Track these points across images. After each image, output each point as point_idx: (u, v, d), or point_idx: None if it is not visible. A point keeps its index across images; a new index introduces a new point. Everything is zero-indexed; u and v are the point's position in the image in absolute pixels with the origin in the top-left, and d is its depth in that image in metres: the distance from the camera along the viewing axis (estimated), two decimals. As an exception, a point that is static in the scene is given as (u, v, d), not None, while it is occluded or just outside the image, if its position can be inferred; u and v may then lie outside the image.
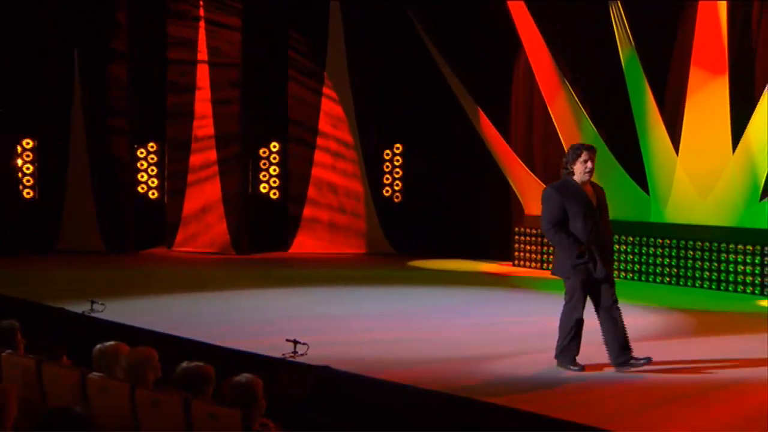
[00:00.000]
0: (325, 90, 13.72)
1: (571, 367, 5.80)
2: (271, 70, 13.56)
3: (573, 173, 5.80)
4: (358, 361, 6.05)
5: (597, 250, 5.72)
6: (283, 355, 6.09)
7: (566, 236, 5.71)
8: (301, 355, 6.10)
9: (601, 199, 5.87)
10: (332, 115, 13.78)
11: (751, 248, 9.79)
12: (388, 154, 14.14)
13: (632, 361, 5.81)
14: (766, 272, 9.68)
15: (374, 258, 13.27)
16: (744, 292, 9.81)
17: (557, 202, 5.75)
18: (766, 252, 9.68)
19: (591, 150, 5.87)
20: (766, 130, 9.57)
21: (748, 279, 9.81)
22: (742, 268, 9.87)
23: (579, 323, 5.83)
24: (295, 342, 6.17)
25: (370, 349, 6.60)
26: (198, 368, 3.96)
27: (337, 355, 6.14)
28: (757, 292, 9.71)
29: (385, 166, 14.11)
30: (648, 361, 5.78)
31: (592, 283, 5.78)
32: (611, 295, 5.85)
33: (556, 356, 5.91)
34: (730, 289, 9.95)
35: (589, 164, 5.77)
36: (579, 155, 5.79)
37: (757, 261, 9.74)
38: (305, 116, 13.72)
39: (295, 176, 13.78)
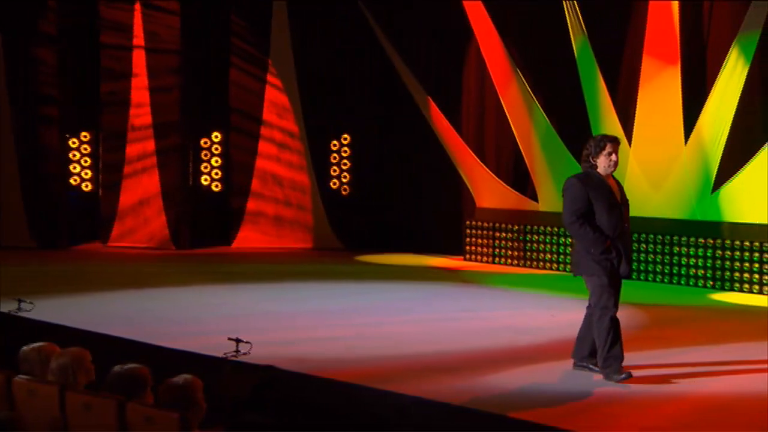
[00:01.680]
0: (270, 78, 13.60)
1: (620, 377, 5.50)
2: (212, 56, 13.39)
3: (596, 166, 5.61)
4: (304, 360, 6.02)
5: (623, 247, 5.56)
6: (225, 354, 6.03)
7: (592, 230, 5.48)
8: (244, 354, 6.05)
9: (622, 192, 5.73)
10: (277, 104, 13.68)
11: (703, 241, 10.02)
12: (335, 145, 14.09)
13: (591, 366, 5.72)
14: (718, 265, 9.92)
15: (321, 253, 13.23)
16: (696, 285, 10.05)
17: (582, 193, 5.54)
18: (718, 245, 9.92)
19: (615, 142, 5.68)
20: (718, 122, 9.81)
21: (701, 272, 10.05)
22: (695, 261, 10.11)
23: (615, 323, 5.57)
24: (237, 341, 6.11)
25: (316, 347, 6.58)
26: (133, 370, 3.88)
27: (282, 354, 6.10)
28: (709, 285, 9.95)
29: (332, 158, 14.06)
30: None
31: (615, 280, 5.59)
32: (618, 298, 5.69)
33: (601, 369, 5.60)
34: (682, 282, 10.18)
35: (613, 157, 5.62)
36: (603, 148, 5.61)
37: (709, 254, 9.98)
38: (248, 105, 13.59)
39: (238, 168, 13.64)
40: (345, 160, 14.13)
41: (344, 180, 14.14)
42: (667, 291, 9.90)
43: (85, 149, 13.47)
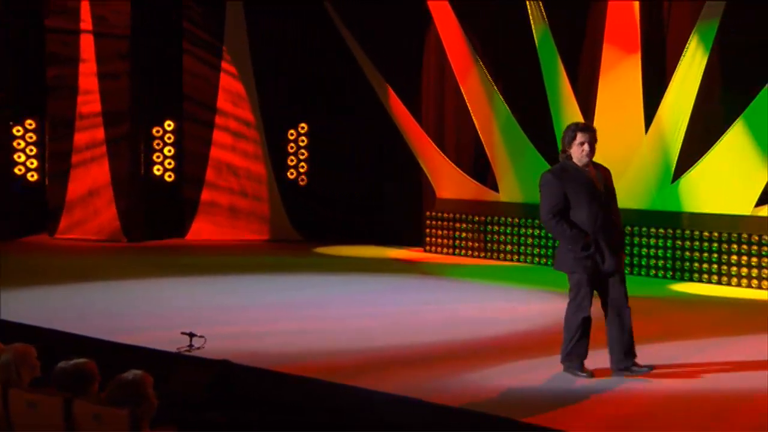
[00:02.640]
0: (224, 65, 13.44)
1: (579, 373, 5.49)
2: (164, 42, 13.18)
3: (570, 156, 5.55)
4: (260, 355, 5.96)
5: (604, 239, 5.41)
6: (178, 349, 5.95)
7: (568, 227, 5.40)
8: (198, 348, 5.98)
9: (607, 181, 5.59)
10: (232, 92, 13.52)
11: (663, 231, 10.16)
12: (292, 135, 13.99)
13: (634, 368, 5.57)
14: (678, 256, 10.07)
15: (278, 245, 13.14)
16: (656, 276, 10.18)
17: (557, 188, 5.45)
18: (678, 235, 10.07)
19: (586, 130, 5.56)
20: (677, 111, 9.93)
21: (660, 263, 10.18)
22: (654, 251, 10.24)
23: (586, 322, 5.50)
24: (191, 335, 6.04)
25: (272, 341, 6.52)
26: (79, 365, 3.80)
27: (237, 349, 6.04)
28: (669, 276, 10.10)
29: (289, 147, 13.97)
30: (650, 369, 5.57)
31: (599, 277, 5.46)
32: (622, 292, 5.57)
33: (562, 360, 5.59)
34: (642, 273, 10.31)
35: (585, 147, 5.50)
36: (574, 137, 5.52)
37: (669, 244, 10.12)
38: (202, 93, 13.42)
39: (191, 157, 13.47)
40: (302, 150, 14.04)
41: (301, 170, 14.05)
42: (627, 281, 10.00)
43: (31, 137, 13.18)
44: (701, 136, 9.89)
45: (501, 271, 10.87)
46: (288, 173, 13.97)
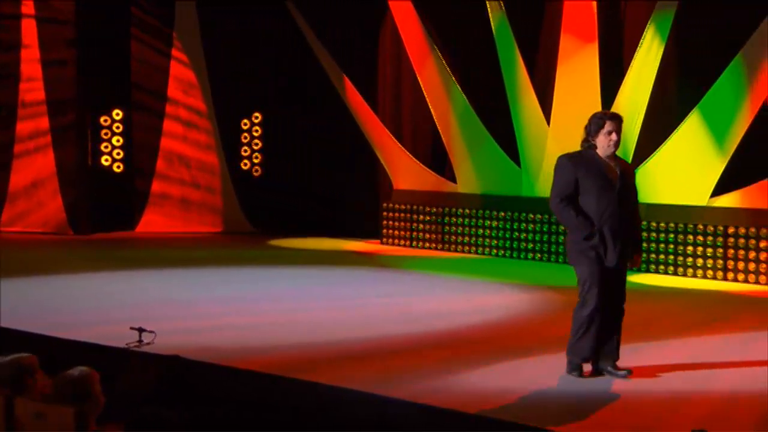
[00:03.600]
0: (174, 52, 13.29)
1: (572, 372, 5.36)
2: (111, 28, 12.98)
3: (595, 146, 5.33)
4: (212, 349, 5.93)
5: (611, 233, 5.21)
6: (127, 344, 5.89)
7: (575, 213, 5.23)
8: (147, 344, 5.93)
9: (625, 175, 5.37)
10: (183, 80, 13.39)
11: (620, 222, 10.30)
12: (246, 124, 13.90)
13: (610, 369, 5.42)
14: (634, 246, 10.22)
15: (231, 237, 13.06)
16: (613, 267, 10.33)
17: (569, 174, 5.30)
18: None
19: (615, 119, 5.35)
20: (634, 101, 10.08)
21: (618, 254, 10.33)
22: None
23: (593, 317, 5.28)
24: (140, 330, 5.98)
25: (225, 335, 6.49)
26: (20, 360, 3.73)
27: (188, 344, 6.00)
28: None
29: (242, 137, 13.88)
30: (628, 373, 5.38)
31: (605, 272, 5.26)
32: (619, 292, 5.40)
33: (567, 353, 5.44)
34: (599, 264, 10.44)
35: (614, 136, 5.29)
36: (602, 126, 5.31)
37: (626, 235, 10.27)
38: (152, 81, 13.26)
39: (141, 147, 13.32)
40: (256, 140, 13.96)
41: (255, 161, 13.97)
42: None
43: (-31, 127, 12.92)
44: (657, 127, 10.05)
45: (459, 263, 10.95)
46: (241, 164, 13.88)
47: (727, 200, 9.59)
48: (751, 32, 9.26)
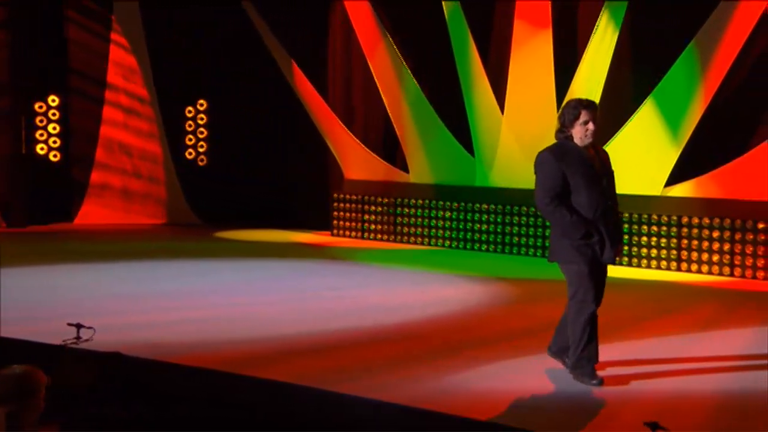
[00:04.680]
0: (114, 36, 13.07)
1: (590, 381, 5.10)
2: (46, 9, 12.70)
3: (571, 137, 5.17)
4: (155, 346, 5.86)
5: (605, 227, 5.07)
6: (64, 341, 5.79)
7: (569, 213, 5.03)
8: (86, 340, 5.84)
9: (606, 165, 5.24)
10: (123, 65, 13.18)
11: (574, 213, 10.43)
12: (190, 112, 13.75)
13: (566, 359, 5.30)
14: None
15: (176, 229, 12.94)
16: (568, 258, 10.46)
17: (554, 169, 5.07)
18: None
19: (591, 108, 5.17)
20: (589, 89, 10.19)
21: (572, 245, 10.47)
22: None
23: (593, 319, 5.12)
24: (78, 326, 5.89)
25: (168, 331, 6.42)
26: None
27: (130, 340, 5.92)
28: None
29: (187, 125, 13.73)
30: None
31: (597, 268, 5.11)
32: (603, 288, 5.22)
33: (572, 368, 5.19)
34: (554, 255, 10.57)
35: (590, 126, 5.13)
36: (577, 116, 5.14)
37: (580, 226, 10.41)
38: (90, 66, 13.04)
39: (79, 135, 13.10)
40: (201, 128, 13.82)
41: (201, 149, 13.84)
42: (541, 265, 10.27)
43: None
44: (611, 117, 10.19)
45: (411, 255, 10.98)
46: (186, 153, 13.75)
47: (682, 190, 9.77)
48: (704, 20, 9.43)
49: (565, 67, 10.39)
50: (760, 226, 9.18)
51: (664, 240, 9.77)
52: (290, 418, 4.97)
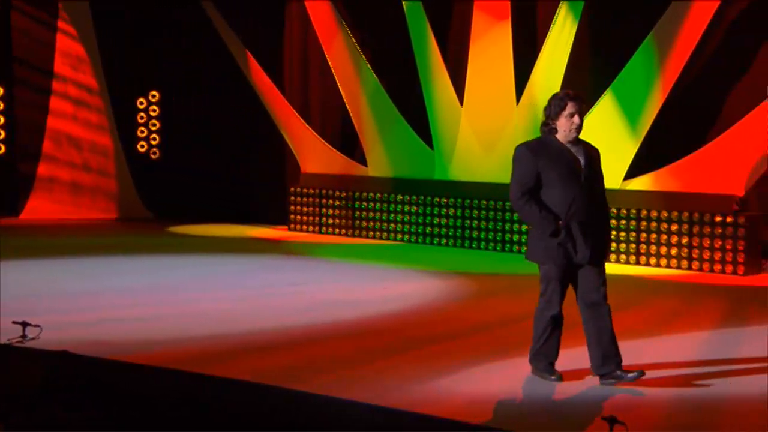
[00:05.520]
0: (61, 24, 12.87)
1: (548, 376, 5.14)
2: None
3: (556, 130, 5.05)
4: (104, 344, 5.80)
5: (580, 227, 4.98)
6: (9, 340, 5.70)
7: (538, 209, 4.99)
8: (32, 339, 5.75)
9: (593, 162, 5.11)
10: (71, 54, 12.99)
11: (534, 206, 10.51)
12: (142, 103, 13.60)
13: (618, 373, 5.07)
14: (548, 231, 10.45)
15: (127, 224, 12.80)
16: (528, 252, 10.54)
17: (530, 165, 5.02)
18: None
19: (577, 100, 5.06)
20: (548, 80, 10.28)
21: (532, 239, 10.55)
22: (526, 227, 10.60)
23: (556, 320, 5.13)
24: (24, 324, 5.80)
25: (119, 328, 6.35)
26: None
27: (79, 338, 5.85)
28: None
29: (139, 117, 13.58)
30: (640, 375, 5.06)
31: (572, 269, 5.05)
32: (599, 288, 5.08)
33: (530, 360, 5.25)
34: (514, 250, 10.66)
35: (576, 119, 5.02)
36: (563, 107, 5.03)
37: (540, 219, 10.49)
38: (35, 55, 12.84)
39: (25, 127, 12.90)
40: (154, 120, 13.67)
41: (153, 142, 13.69)
42: (499, 259, 10.34)
43: None
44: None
45: (369, 249, 10.98)
46: (138, 146, 13.60)
47: (640, 183, 9.90)
48: (661, 13, 9.55)
49: (525, 60, 10.46)
50: (718, 219, 9.34)
51: (623, 233, 9.89)
52: (245, 416, 4.94)
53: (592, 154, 5.15)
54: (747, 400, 4.81)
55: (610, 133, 9.91)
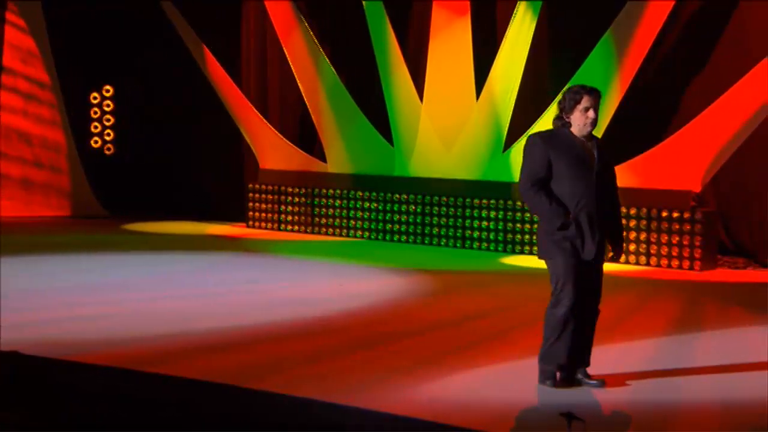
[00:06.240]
0: (9, 16, 12.67)
1: (546, 381, 4.98)
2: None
3: (570, 124, 4.96)
4: (57, 344, 5.72)
5: (588, 222, 4.88)
6: (-42, 341, 5.60)
7: (547, 200, 4.86)
8: (-18, 340, 5.66)
9: (603, 157, 5.00)
10: (20, 48, 12.79)
11: (494, 203, 10.61)
12: (95, 98, 13.45)
13: (579, 377, 5.05)
14: (509, 228, 10.55)
15: (81, 222, 12.65)
16: (488, 249, 10.63)
17: (541, 154, 4.90)
18: (509, 206, 10.54)
19: (593, 94, 4.95)
20: (508, 77, 10.37)
21: (492, 236, 10.64)
22: (486, 224, 10.69)
23: (568, 318, 4.92)
24: (-26, 325, 5.70)
25: (72, 328, 6.27)
26: None
27: (30, 338, 5.77)
28: (500, 249, 10.57)
29: (92, 112, 13.43)
30: (601, 385, 4.98)
31: (578, 266, 4.90)
32: (595, 290, 5.00)
33: (539, 361, 5.05)
34: (474, 246, 10.74)
35: (591, 113, 4.91)
36: (578, 101, 4.92)
37: (500, 216, 10.59)
38: (-16, 49, 12.61)
39: (-26, 123, 12.67)
40: (108, 116, 13.53)
41: (107, 138, 13.55)
42: (459, 255, 10.41)
43: None
44: (530, 106, 10.38)
45: (329, 246, 10.98)
46: (91, 141, 13.45)
47: (599, 180, 10.01)
48: (619, 10, 9.68)
49: (485, 56, 10.53)
50: (675, 215, 9.49)
51: (582, 230, 9.99)
52: (200, 416, 4.91)
53: (604, 150, 5.05)
54: (702, 401, 4.89)
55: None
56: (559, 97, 5.03)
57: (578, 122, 4.95)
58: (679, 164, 9.47)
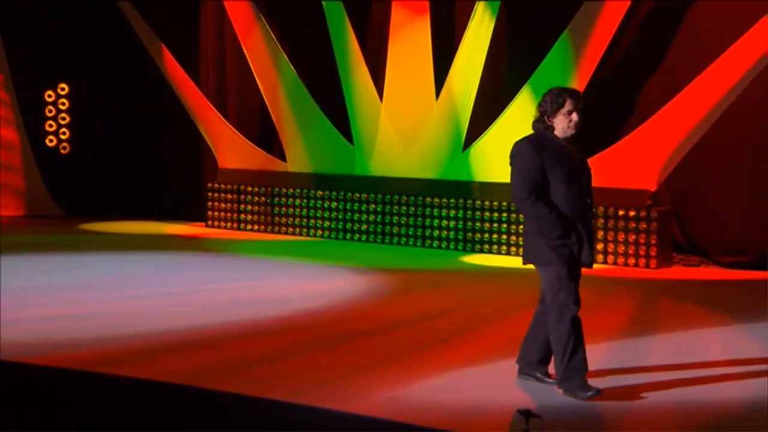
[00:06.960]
0: (-38, 12, 12.48)
1: (583, 395, 4.77)
2: None
3: (552, 128, 4.87)
4: (11, 345, 5.67)
5: (584, 227, 4.83)
6: None
7: (548, 209, 4.74)
8: (-64, 343, 5.58)
9: (584, 159, 4.99)
10: (-27, 44, 12.61)
11: (454, 202, 10.69)
12: (50, 96, 13.28)
13: (539, 375, 5.06)
14: (469, 227, 10.64)
15: (36, 222, 12.49)
16: (449, 248, 10.71)
17: (534, 161, 4.77)
18: (468, 206, 10.63)
19: (575, 97, 4.91)
20: (467, 76, 10.44)
21: (452, 234, 10.73)
22: (446, 223, 10.76)
23: (576, 324, 4.81)
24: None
25: (26, 329, 6.22)
26: None
27: (-14, 341, 5.70)
28: (460, 247, 10.65)
29: (47, 111, 13.26)
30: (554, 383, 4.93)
31: (576, 271, 4.86)
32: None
33: (560, 383, 4.85)
34: (434, 245, 10.81)
35: (574, 116, 4.85)
36: (561, 104, 4.86)
37: (460, 215, 10.68)
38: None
39: (-75, 121, 12.44)
40: (63, 114, 13.37)
41: (63, 137, 13.40)
42: (420, 255, 10.47)
43: None
44: (489, 106, 10.47)
45: (289, 246, 10.98)
46: (46, 140, 13.28)
47: (557, 179, 10.13)
48: (577, 9, 9.81)
49: (444, 56, 10.59)
50: (632, 213, 9.64)
51: (541, 228, 10.11)
52: (161, 417, 4.91)
53: (583, 153, 5.03)
54: (657, 400, 4.98)
55: (528, 130, 10.10)
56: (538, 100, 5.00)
57: (561, 125, 4.88)
58: (635, 163, 9.62)
